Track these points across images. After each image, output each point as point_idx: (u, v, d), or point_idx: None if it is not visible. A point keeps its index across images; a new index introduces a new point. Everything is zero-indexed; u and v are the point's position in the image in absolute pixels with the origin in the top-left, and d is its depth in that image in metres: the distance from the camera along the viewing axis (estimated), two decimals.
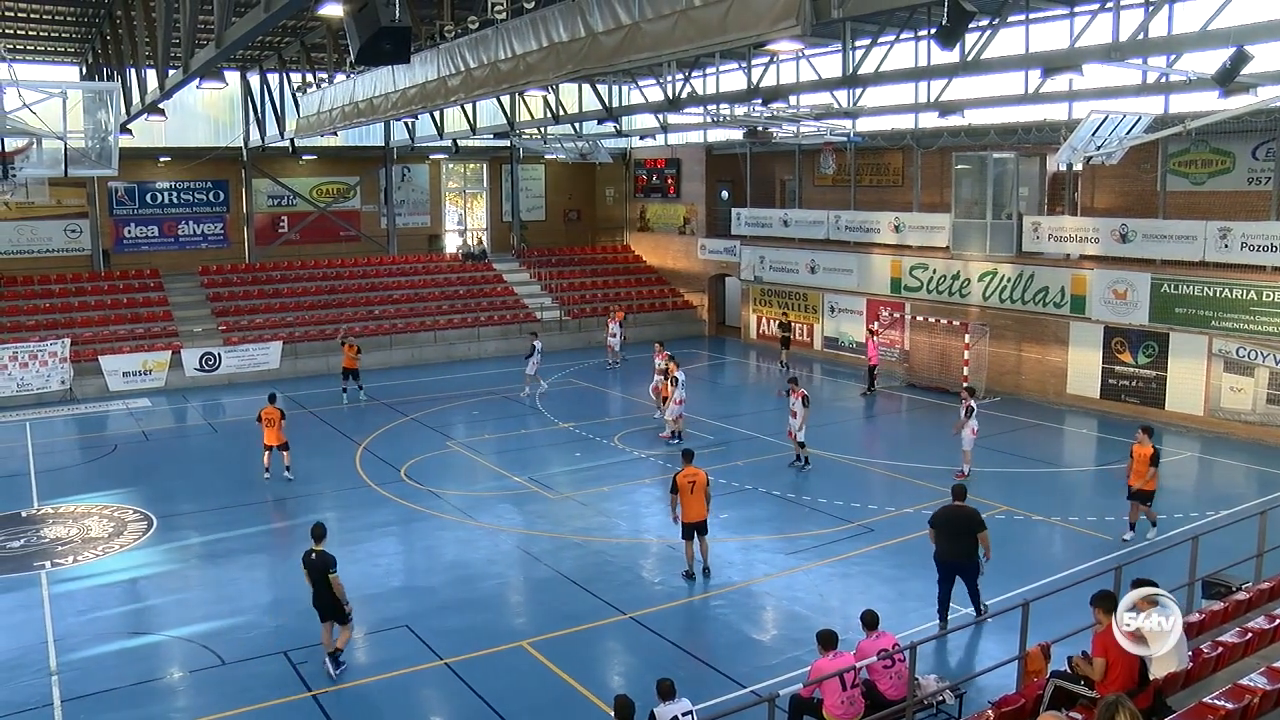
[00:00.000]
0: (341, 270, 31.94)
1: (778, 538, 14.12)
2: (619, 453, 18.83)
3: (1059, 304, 22.59)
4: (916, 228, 26.11)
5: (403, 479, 17.16)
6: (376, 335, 28.87)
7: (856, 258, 27.79)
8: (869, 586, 12.32)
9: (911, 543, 13.49)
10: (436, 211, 36.10)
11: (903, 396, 23.87)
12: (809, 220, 29.47)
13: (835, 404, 24.17)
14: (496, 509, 15.63)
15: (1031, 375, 23.29)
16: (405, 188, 35.04)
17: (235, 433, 20.99)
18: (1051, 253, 23.04)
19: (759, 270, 31.11)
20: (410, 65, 15.82)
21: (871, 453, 19.02)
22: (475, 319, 30.87)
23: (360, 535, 14.31)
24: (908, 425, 22.27)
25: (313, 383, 25.96)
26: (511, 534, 14.48)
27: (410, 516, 15.26)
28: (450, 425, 21.27)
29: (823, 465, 17.79)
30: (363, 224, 34.21)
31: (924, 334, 25.21)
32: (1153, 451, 13.50)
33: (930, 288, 25.60)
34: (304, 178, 33.02)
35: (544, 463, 18.22)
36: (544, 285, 34.09)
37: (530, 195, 37.71)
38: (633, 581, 12.66)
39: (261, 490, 16.53)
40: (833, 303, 28.79)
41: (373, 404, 23.01)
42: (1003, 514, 14.61)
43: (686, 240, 34.89)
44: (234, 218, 32.00)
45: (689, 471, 12.56)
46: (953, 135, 25.03)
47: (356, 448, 19.20)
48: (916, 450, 18.87)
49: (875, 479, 17.15)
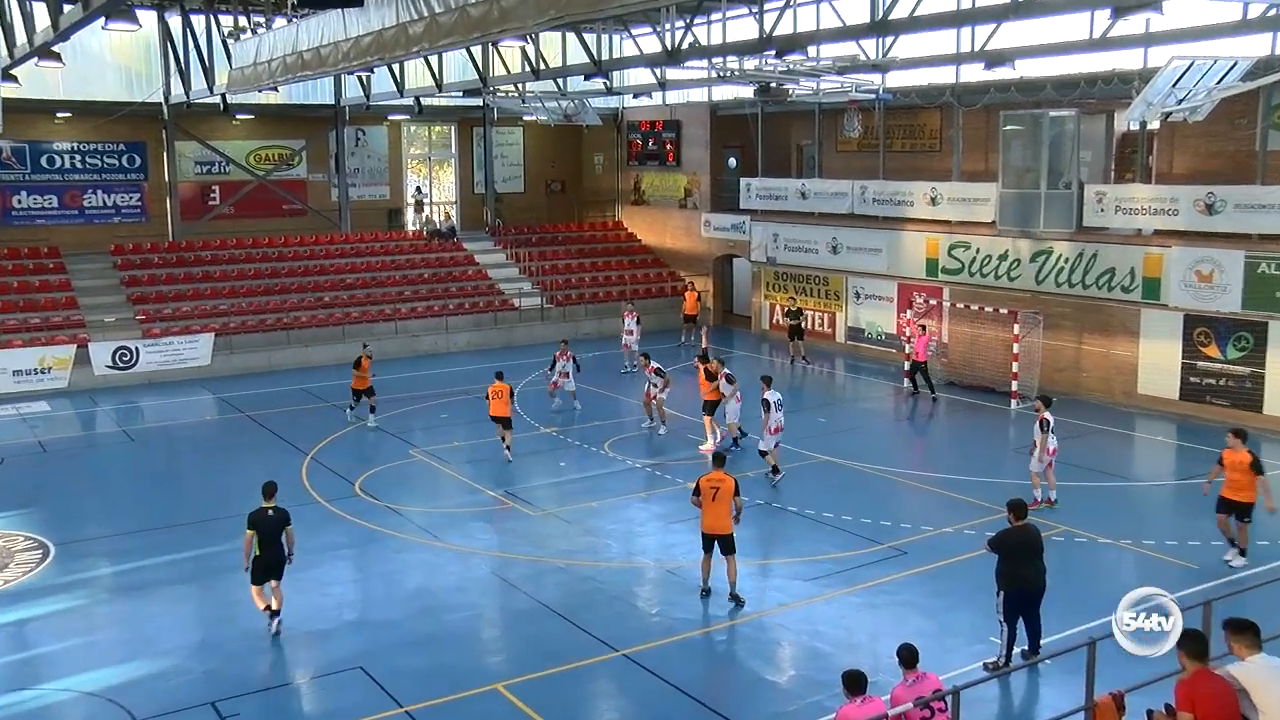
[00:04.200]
0: (285, 250, 31.81)
1: (795, 561, 14.05)
2: (610, 462, 18.76)
3: (1128, 288, 22.47)
4: (957, 200, 26.04)
5: (357, 493, 17.09)
6: (327, 326, 28.80)
7: (886, 235, 27.72)
8: (903, 619, 12.25)
9: (953, 568, 13.43)
10: (397, 182, 35.98)
11: (940, 397, 23.80)
12: (830, 192, 29.38)
13: (861, 406, 24.09)
14: (467, 528, 15.57)
15: (1094, 372, 23.23)
16: (360, 154, 34.89)
17: (157, 441, 20.86)
18: (1119, 228, 22.91)
19: (772, 250, 31.01)
20: (364, 8, 15.67)
21: (903, 462, 18.94)
22: (443, 307, 30.76)
23: (307, 560, 14.09)
24: (946, 430, 22.17)
25: (250, 382, 25.85)
26: (485, 557, 14.43)
27: (366, 537, 15.17)
28: (414, 431, 21.18)
29: (848, 477, 17.74)
30: (310, 196, 34.07)
31: (965, 324, 25.13)
32: (1251, 458, 13.20)
33: (973, 270, 25.54)
34: (239, 140, 32.82)
35: (523, 474, 18.14)
36: (522, 268, 34.00)
37: (506, 163, 37.59)
38: (626, 613, 12.60)
39: (190, 509, 16.38)
40: (858, 288, 28.72)
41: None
42: (1061, 535, 14.53)
43: (688, 216, 34.80)
44: (154, 187, 31.67)
45: (714, 475, 12.62)
46: (1001, 91, 24.91)
47: (303, 458, 19.10)
48: (957, 459, 18.81)
49: (908, 493, 17.08)
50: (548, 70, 26.27)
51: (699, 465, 18.28)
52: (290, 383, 25.65)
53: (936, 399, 23.27)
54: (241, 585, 12.19)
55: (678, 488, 16.88)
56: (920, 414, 22.97)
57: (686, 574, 13.19)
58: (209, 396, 24.72)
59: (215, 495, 16.91)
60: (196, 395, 24.79)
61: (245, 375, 26.56)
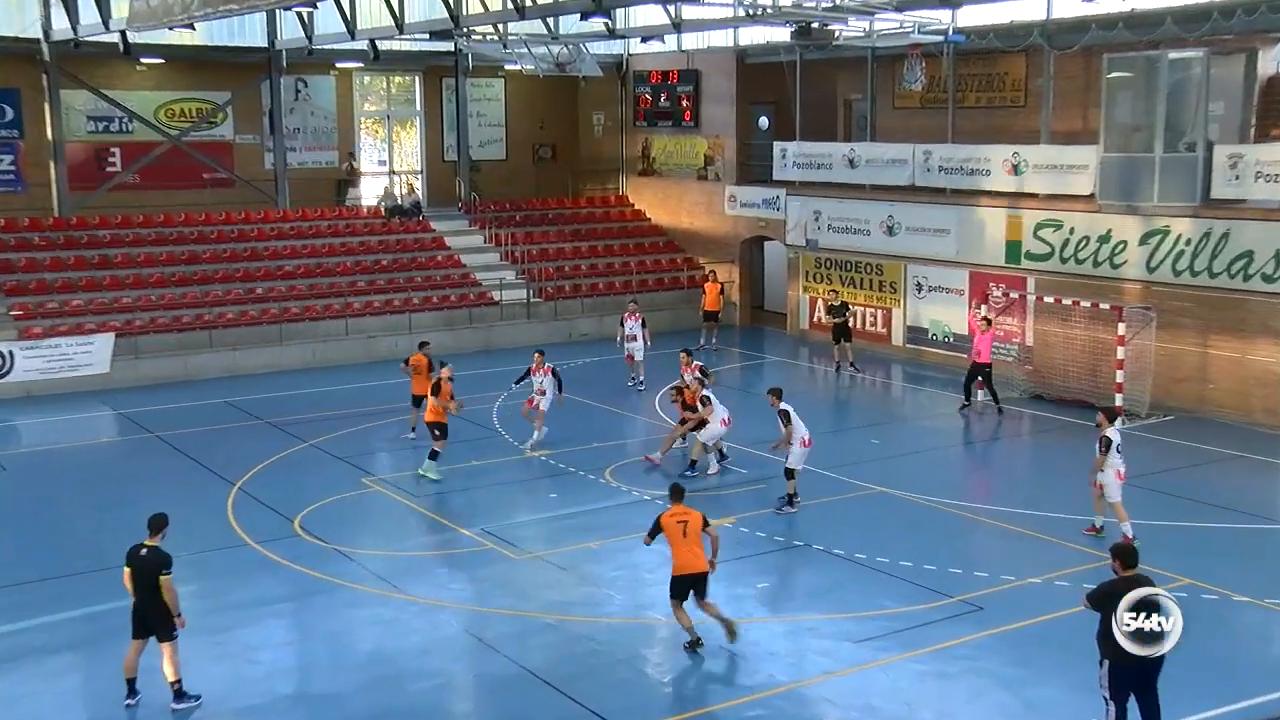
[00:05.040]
0: (206, 230, 31.86)
1: (842, 617, 13.99)
2: (612, 493, 18.74)
3: (1270, 277, 22.36)
4: (1046, 167, 26.01)
5: (297, 533, 17.07)
6: (260, 325, 28.87)
7: (956, 213, 27.70)
8: (980, 692, 12.20)
9: (1042, 629, 13.34)
10: (347, 145, 36.10)
11: (1023, 413, 23.72)
12: (886, 159, 29.39)
13: (923, 424, 24.04)
14: (435, 575, 15.55)
15: (1225, 384, 23.15)
16: (301, 110, 35.04)
17: (38, 470, 20.74)
18: (1260, 200, 22.76)
19: (813, 232, 31.01)
20: None
21: (978, 495, 18.89)
22: (406, 302, 30.85)
23: (232, 618, 14.13)
24: (1031, 455, 22.10)
25: (161, 395, 25.86)
26: (457, 612, 14.38)
27: (308, 588, 15.12)
28: (368, 454, 21.17)
29: (909, 513, 17.69)
30: (237, 162, 34.19)
31: (1055, 323, 25.09)
32: None
33: (1066, 255, 25.50)
34: (145, 91, 32.96)
35: (505, 508, 18.12)
36: (504, 253, 34.10)
37: (484, 123, 37.71)
38: (632, 681, 12.57)
39: (79, 557, 16.24)
40: (920, 278, 28.72)
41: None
42: (1184, 589, 14.40)
43: (708, 189, 34.84)
44: (31, 147, 31.63)
45: (677, 510, 13.18)
46: (1104, 28, 24.89)
47: (228, 489, 19.09)
48: (1045, 492, 18.74)
49: (984, 533, 17.03)
50: (535, 7, 26.27)
51: (718, 496, 18.30)
52: (213, 395, 25.64)
53: (1002, 411, 23.25)
54: (145, 652, 11.99)
55: None
56: (1000, 434, 22.87)
57: (707, 633, 13.14)
58: (108, 413, 24.73)
59: (113, 538, 16.33)
60: (91, 411, 24.80)
61: (155, 386, 26.59)
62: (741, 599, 14.44)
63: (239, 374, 27.43)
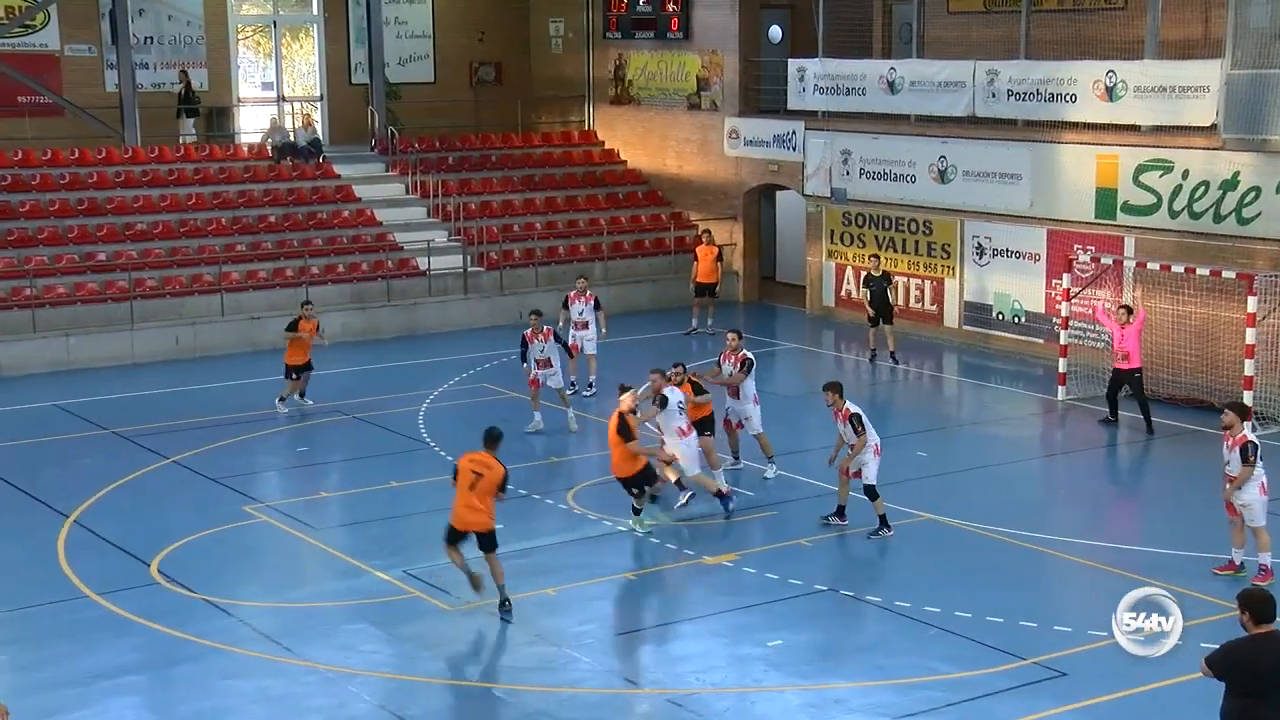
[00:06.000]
0: (27, 174, 31.70)
1: (878, 685, 14.06)
2: (577, 522, 18.88)
3: None
4: (1151, 91, 26.04)
5: (156, 579, 17.03)
6: (104, 302, 28.82)
7: (1030, 152, 27.87)
8: None
9: (1146, 700, 13.34)
10: (220, 63, 36.03)
11: (1120, 416, 23.75)
12: (938, 81, 29.49)
13: (986, 430, 24.11)
14: (341, 633, 15.53)
15: None
16: (155, 12, 34.94)
17: None
18: None
19: (841, 179, 31.13)
20: None
21: (1057, 524, 18.82)
22: (301, 270, 30.86)
23: (64, 698, 14.01)
24: (1130, 470, 22.23)
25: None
26: (371, 681, 14.37)
27: (169, 654, 15.06)
28: (252, 474, 21.24)
29: (967, 547, 17.78)
30: (67, 82, 34.13)
31: (1163, 297, 25.19)
32: None
33: (1177, 208, 25.59)
34: None
35: (434, 542, 18.00)
36: (432, 207, 34.09)
37: (406, 34, 37.81)
38: None
39: None
40: (982, 238, 28.87)
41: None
42: None
43: (702, 122, 34.98)
44: None
45: (479, 458, 15.46)
46: None
47: (61, 522, 19.01)
48: (1148, 521, 18.93)
49: (1067, 575, 17.17)
50: None
51: (708, 527, 18.30)
52: (38, 396, 25.60)
53: (1153, 433, 22.89)
54: None
55: (688, 561, 17.05)
56: (1089, 443, 22.92)
57: (701, 705, 13.17)
58: None
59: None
60: None
61: None
62: (747, 661, 14.48)
63: (74, 368, 27.33)
